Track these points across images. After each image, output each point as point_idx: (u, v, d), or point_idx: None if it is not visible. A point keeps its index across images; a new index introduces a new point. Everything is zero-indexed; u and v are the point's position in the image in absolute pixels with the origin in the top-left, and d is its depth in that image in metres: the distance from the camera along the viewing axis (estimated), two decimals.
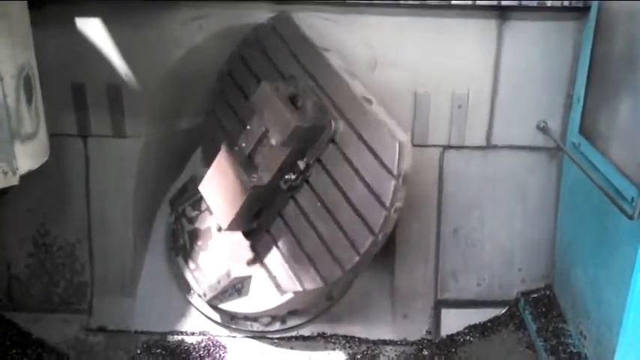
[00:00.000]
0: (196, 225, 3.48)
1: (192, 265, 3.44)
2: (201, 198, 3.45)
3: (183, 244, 3.50)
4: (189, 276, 3.45)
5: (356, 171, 2.77)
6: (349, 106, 2.80)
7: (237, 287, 3.34)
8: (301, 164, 2.90)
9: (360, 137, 2.75)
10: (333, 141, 2.85)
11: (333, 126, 2.83)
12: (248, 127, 2.97)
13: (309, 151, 2.89)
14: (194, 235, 3.47)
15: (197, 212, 3.49)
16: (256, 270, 3.29)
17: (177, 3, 3.20)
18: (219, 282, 3.31)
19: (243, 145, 2.96)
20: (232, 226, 3.04)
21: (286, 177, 2.92)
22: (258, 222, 3.12)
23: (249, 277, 3.29)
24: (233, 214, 2.96)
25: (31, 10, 2.51)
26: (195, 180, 3.43)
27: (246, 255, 3.27)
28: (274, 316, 3.42)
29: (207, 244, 3.42)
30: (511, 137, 3.38)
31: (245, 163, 2.93)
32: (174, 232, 3.57)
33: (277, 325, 3.45)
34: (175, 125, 3.59)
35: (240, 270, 3.26)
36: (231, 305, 3.36)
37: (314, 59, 2.97)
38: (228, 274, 3.27)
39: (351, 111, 2.80)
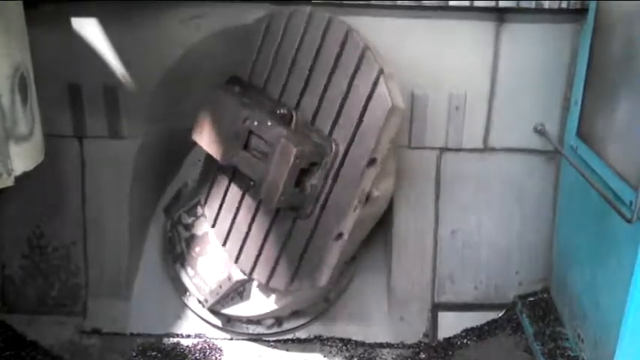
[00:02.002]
0: (193, 231, 3.46)
1: (191, 272, 3.42)
2: (196, 204, 3.43)
3: (180, 251, 3.48)
4: (188, 283, 3.43)
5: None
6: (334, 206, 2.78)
7: (239, 290, 3.32)
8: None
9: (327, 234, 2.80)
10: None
11: (307, 212, 2.82)
12: (268, 124, 2.84)
13: None
14: (191, 242, 3.46)
15: (193, 218, 3.47)
16: None
17: (175, 2, 3.18)
18: (220, 286, 3.29)
19: (251, 124, 2.86)
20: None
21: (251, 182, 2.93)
22: None
23: (250, 280, 3.27)
24: (205, 147, 3.01)
25: (27, 10, 2.49)
26: (188, 186, 3.41)
27: None
28: (278, 317, 3.40)
29: (205, 249, 3.40)
30: (508, 140, 3.37)
31: (242, 134, 2.88)
32: (170, 240, 3.54)
33: (274, 328, 3.44)
34: (172, 126, 3.57)
35: (241, 273, 3.24)
36: (234, 310, 3.34)
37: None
38: (229, 278, 3.25)
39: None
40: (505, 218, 3.48)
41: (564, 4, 3.07)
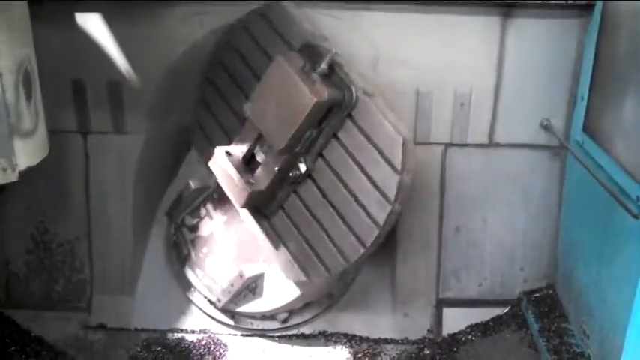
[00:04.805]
0: (198, 233, 3.45)
1: (199, 273, 3.42)
2: (199, 205, 3.43)
3: (187, 253, 3.47)
4: (198, 285, 3.43)
5: (360, 167, 2.78)
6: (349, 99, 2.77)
7: (251, 287, 3.32)
8: (302, 166, 2.89)
9: (362, 132, 2.75)
10: (335, 135, 2.83)
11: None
12: (275, 169, 2.92)
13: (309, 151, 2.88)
14: (197, 243, 3.45)
15: (197, 220, 3.45)
16: (267, 266, 3.28)
17: None
18: (232, 285, 3.28)
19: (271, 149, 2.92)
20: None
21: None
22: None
23: (261, 275, 3.27)
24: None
25: (31, 6, 2.49)
26: (190, 188, 3.39)
27: (256, 253, 3.25)
28: (291, 310, 3.40)
29: (212, 249, 3.40)
30: (514, 135, 3.35)
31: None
32: (176, 244, 3.53)
33: (278, 323, 3.44)
34: (176, 122, 3.56)
35: (252, 269, 3.24)
36: (247, 307, 3.34)
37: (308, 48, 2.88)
38: (241, 275, 3.25)
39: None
40: (510, 214, 3.47)
41: (571, 0, 3.05)
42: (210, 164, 3.02)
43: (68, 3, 3.18)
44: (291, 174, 2.90)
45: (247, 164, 2.98)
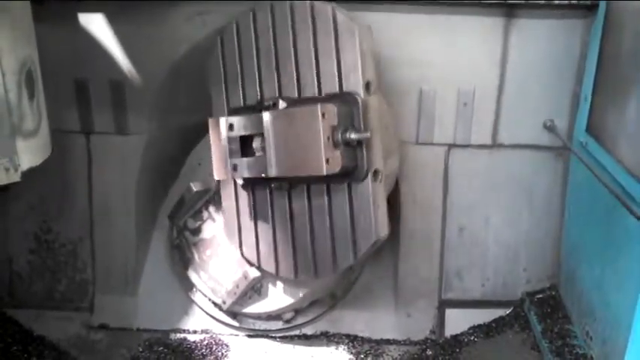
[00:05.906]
0: (201, 235, 3.45)
1: (204, 275, 3.41)
2: (201, 208, 3.43)
3: (190, 256, 3.47)
4: (203, 288, 3.42)
5: (331, 225, 2.79)
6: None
7: (256, 287, 3.32)
8: (285, 185, 2.90)
9: (350, 203, 2.73)
10: (327, 184, 2.78)
11: None
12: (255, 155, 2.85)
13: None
14: (201, 246, 3.45)
15: (199, 222, 3.44)
16: None
17: None
18: (237, 286, 3.27)
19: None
20: None
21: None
22: None
23: (267, 275, 3.27)
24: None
25: (34, 6, 2.50)
26: (192, 190, 3.39)
27: None
28: (297, 309, 3.40)
29: (216, 252, 3.39)
30: (517, 136, 3.34)
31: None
32: (178, 247, 3.53)
33: (280, 324, 3.44)
34: (179, 122, 3.56)
35: (257, 270, 3.23)
36: (253, 308, 3.34)
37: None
38: (245, 277, 3.24)
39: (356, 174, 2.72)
40: (513, 215, 3.46)
41: (574, 0, 3.04)
42: (210, 123, 2.93)
43: (70, 3, 3.19)
44: (273, 184, 2.90)
45: (243, 142, 2.90)
